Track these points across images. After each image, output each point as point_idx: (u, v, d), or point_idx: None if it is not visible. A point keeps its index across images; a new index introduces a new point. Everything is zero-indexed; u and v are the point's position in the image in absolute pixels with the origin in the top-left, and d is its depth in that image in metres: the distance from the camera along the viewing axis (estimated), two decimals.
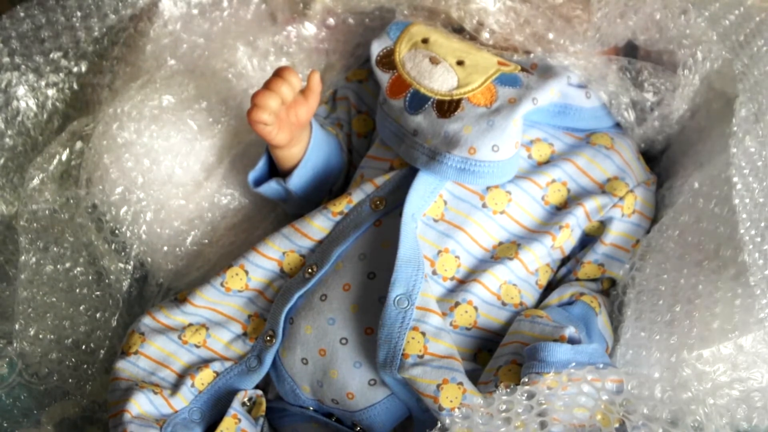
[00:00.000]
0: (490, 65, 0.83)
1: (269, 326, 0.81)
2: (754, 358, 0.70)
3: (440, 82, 0.82)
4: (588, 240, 0.84)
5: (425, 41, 0.86)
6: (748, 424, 0.68)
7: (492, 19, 0.84)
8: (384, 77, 0.85)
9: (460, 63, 0.83)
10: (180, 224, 0.92)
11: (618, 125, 0.87)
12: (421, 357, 0.73)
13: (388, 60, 0.86)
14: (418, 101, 0.82)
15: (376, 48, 0.87)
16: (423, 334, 0.74)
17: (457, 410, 0.67)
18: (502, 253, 0.79)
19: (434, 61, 0.84)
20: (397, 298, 0.75)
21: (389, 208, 0.81)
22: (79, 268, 0.91)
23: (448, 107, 0.81)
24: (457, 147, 0.78)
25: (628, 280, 0.80)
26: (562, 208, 0.82)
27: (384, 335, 0.74)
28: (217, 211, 0.94)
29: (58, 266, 0.90)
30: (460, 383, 0.71)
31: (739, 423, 0.69)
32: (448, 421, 0.65)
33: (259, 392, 0.82)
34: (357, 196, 0.82)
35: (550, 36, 0.82)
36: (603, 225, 0.83)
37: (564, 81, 0.83)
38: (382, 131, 0.85)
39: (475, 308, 0.78)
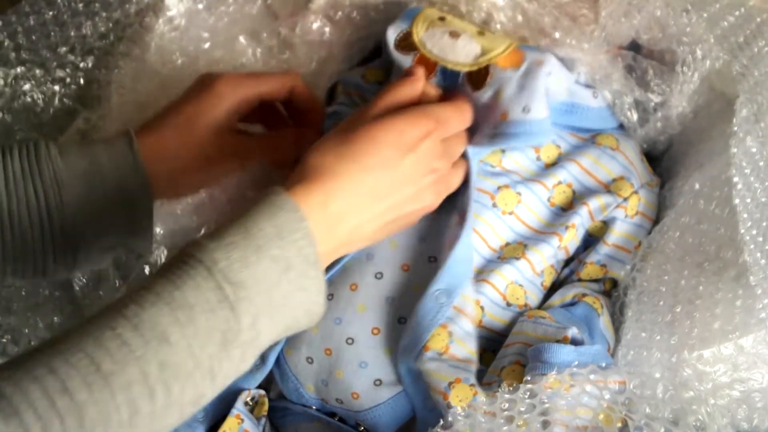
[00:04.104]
0: (509, 38, 0.82)
1: None
2: (754, 359, 0.70)
3: (464, 53, 0.80)
4: (591, 240, 0.84)
5: (442, 19, 0.84)
6: (749, 424, 0.69)
7: (500, 14, 0.84)
8: (405, 60, 0.83)
9: (480, 33, 0.82)
10: (187, 219, 0.92)
11: (621, 126, 0.87)
12: (440, 354, 0.73)
13: (406, 42, 0.84)
14: (450, 77, 0.81)
15: (392, 33, 0.85)
16: (450, 334, 0.74)
17: (459, 408, 0.67)
18: (509, 253, 0.80)
19: (454, 35, 0.82)
20: (437, 292, 0.75)
21: None
22: None
23: (477, 77, 0.80)
24: (489, 116, 0.78)
25: (629, 281, 0.81)
26: (567, 209, 0.82)
27: (414, 323, 0.74)
28: (225, 206, 0.93)
29: None
30: (473, 385, 0.71)
31: (740, 423, 0.69)
32: (450, 419, 0.65)
33: (262, 392, 0.82)
34: None
35: (557, 35, 0.82)
36: (606, 225, 0.83)
37: (573, 76, 0.83)
38: None
39: (482, 308, 0.78)
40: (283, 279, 0.60)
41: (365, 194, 0.68)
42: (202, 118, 0.79)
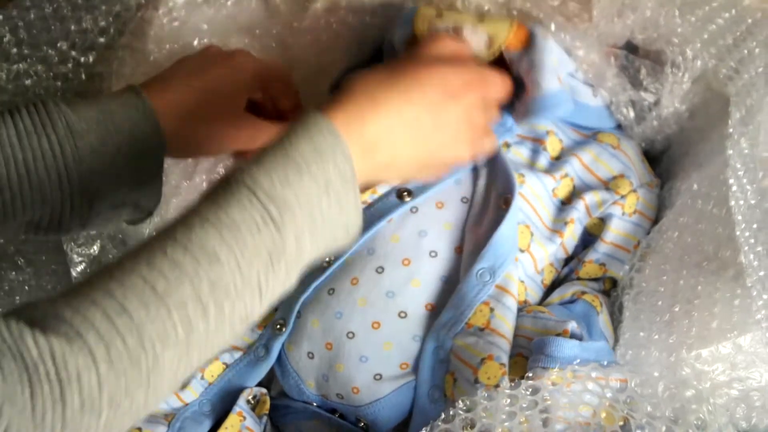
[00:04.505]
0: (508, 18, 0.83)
1: (280, 315, 0.81)
2: (752, 358, 0.71)
3: (474, 44, 0.80)
4: (590, 239, 0.85)
5: (439, 16, 0.84)
6: (747, 423, 0.69)
7: (494, 9, 0.84)
8: None
9: (480, 20, 0.82)
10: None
11: (620, 126, 0.88)
12: (481, 330, 0.74)
13: (413, 44, 0.83)
14: None
15: (399, 39, 0.85)
16: (492, 309, 0.75)
17: (460, 402, 0.67)
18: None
19: (457, 30, 0.82)
20: (480, 271, 0.75)
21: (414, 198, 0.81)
22: None
23: (496, 64, 0.80)
24: (521, 93, 0.79)
25: (627, 281, 0.81)
26: (566, 203, 0.83)
27: (455, 300, 0.75)
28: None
29: None
30: (503, 364, 0.71)
31: (738, 422, 0.69)
32: (452, 412, 0.66)
33: (264, 390, 0.83)
34: (382, 187, 0.82)
35: (552, 27, 0.82)
36: (603, 222, 0.84)
37: (571, 65, 0.83)
38: None
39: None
40: (323, 197, 0.61)
41: (404, 126, 0.68)
42: (225, 87, 0.80)
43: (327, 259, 0.80)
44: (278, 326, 0.81)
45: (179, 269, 0.54)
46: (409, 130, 0.68)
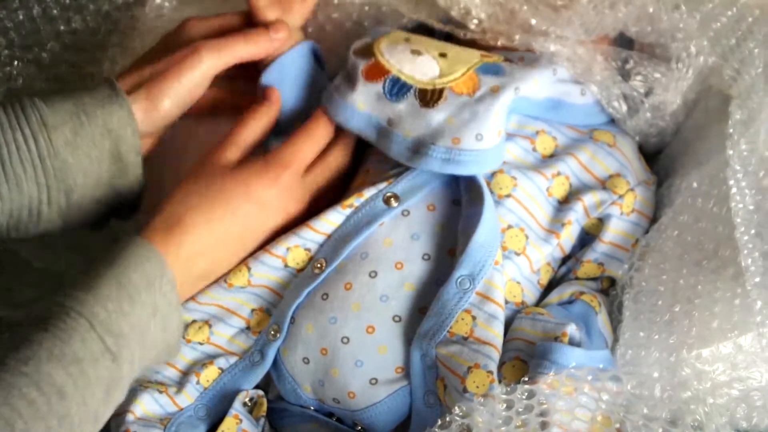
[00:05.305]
0: (473, 56, 0.82)
1: (274, 321, 0.81)
2: (753, 358, 0.70)
3: (422, 71, 0.80)
4: (587, 239, 0.84)
5: (407, 40, 0.84)
6: (748, 423, 0.69)
7: (478, 10, 0.83)
8: (359, 62, 0.83)
9: (442, 55, 0.82)
10: None
11: (613, 121, 0.87)
12: (465, 339, 0.74)
13: (365, 49, 0.84)
14: (399, 88, 0.81)
15: (356, 44, 0.86)
16: (474, 318, 0.74)
17: (457, 408, 0.67)
18: (510, 242, 0.79)
19: (416, 52, 0.82)
20: (460, 279, 0.75)
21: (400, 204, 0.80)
22: None
23: (431, 97, 0.80)
24: (441, 138, 0.78)
25: (627, 280, 0.80)
26: (563, 203, 0.82)
27: (436, 308, 0.74)
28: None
29: None
30: (490, 372, 0.71)
31: (739, 422, 0.69)
32: (448, 418, 0.66)
33: (260, 392, 0.82)
34: (368, 191, 0.81)
35: (533, 22, 0.82)
36: (601, 222, 0.83)
37: (549, 72, 0.82)
38: (351, 120, 0.83)
39: None
40: (151, 323, 0.68)
41: (214, 241, 0.77)
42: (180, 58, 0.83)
43: (319, 264, 0.80)
44: (273, 332, 0.80)
45: (33, 407, 0.59)
46: (221, 241, 0.78)
